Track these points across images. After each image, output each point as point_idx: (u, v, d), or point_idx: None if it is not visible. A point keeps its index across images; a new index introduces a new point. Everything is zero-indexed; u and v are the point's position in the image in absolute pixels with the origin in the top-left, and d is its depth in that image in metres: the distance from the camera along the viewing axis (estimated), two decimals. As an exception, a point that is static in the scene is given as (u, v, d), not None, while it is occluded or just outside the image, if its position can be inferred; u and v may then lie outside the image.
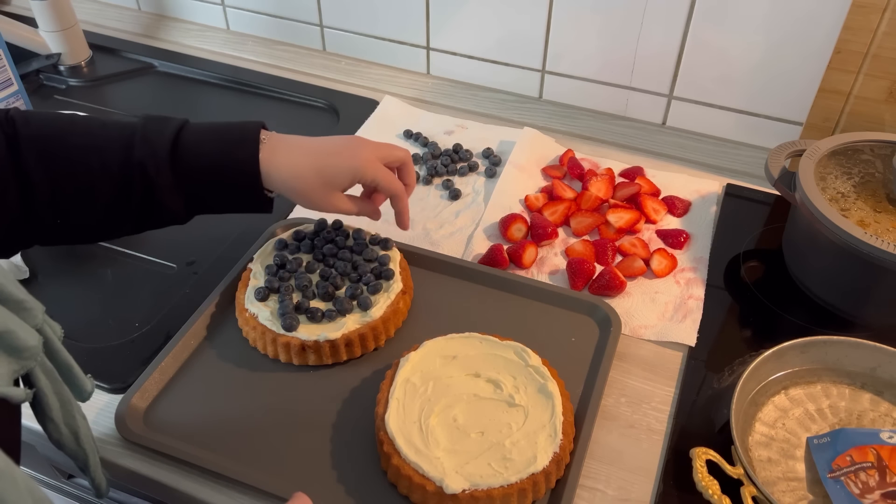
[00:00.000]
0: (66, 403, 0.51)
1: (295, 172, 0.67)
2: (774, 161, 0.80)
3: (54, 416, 0.50)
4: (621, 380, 0.72)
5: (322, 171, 0.68)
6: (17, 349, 0.44)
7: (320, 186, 0.68)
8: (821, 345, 0.69)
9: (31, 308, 0.46)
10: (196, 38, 1.24)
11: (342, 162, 0.68)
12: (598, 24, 0.97)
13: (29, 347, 0.45)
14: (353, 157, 0.69)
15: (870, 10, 0.80)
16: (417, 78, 1.13)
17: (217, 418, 0.67)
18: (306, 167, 0.67)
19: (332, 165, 0.68)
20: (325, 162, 0.68)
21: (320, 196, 0.69)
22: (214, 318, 0.75)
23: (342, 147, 0.70)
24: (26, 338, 0.44)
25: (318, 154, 0.68)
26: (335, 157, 0.69)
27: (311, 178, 0.68)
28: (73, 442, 0.53)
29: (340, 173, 0.68)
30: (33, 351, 0.45)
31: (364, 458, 0.64)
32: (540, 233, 0.85)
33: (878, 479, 0.60)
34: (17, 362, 0.44)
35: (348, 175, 0.69)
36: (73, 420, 0.52)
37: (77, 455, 0.53)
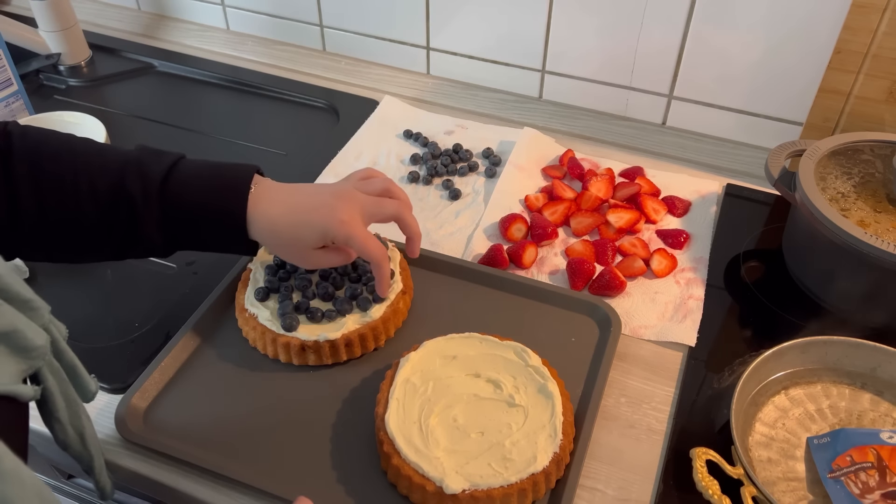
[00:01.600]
0: (72, 404, 0.51)
1: (271, 227, 0.65)
2: (774, 161, 0.80)
3: (61, 416, 0.50)
4: (621, 380, 0.72)
5: (295, 229, 0.65)
6: (26, 349, 0.44)
7: (293, 243, 0.66)
8: (821, 345, 0.69)
9: (37, 308, 0.46)
10: (196, 38, 1.24)
11: (315, 220, 0.65)
12: (598, 23, 0.97)
13: (37, 347, 0.45)
14: (326, 217, 0.65)
15: (870, 10, 0.80)
16: (417, 78, 1.13)
17: (217, 418, 0.67)
18: (282, 224, 0.65)
19: (304, 224, 0.65)
20: (299, 219, 0.66)
21: (295, 253, 0.67)
22: (214, 318, 0.75)
23: (321, 204, 0.66)
24: (34, 337, 0.44)
25: (297, 210, 0.66)
26: (310, 215, 0.66)
27: (284, 235, 0.66)
28: (79, 443, 0.53)
29: (312, 233, 0.65)
30: (41, 350, 0.45)
31: (364, 458, 0.64)
32: (540, 233, 0.85)
33: (878, 479, 0.60)
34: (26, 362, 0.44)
35: (318, 235, 0.65)
36: (78, 420, 0.52)
37: (82, 457, 0.53)
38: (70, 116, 0.91)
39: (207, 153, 1.01)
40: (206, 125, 1.06)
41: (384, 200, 0.69)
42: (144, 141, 1.03)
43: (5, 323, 0.42)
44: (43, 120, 0.91)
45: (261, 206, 0.65)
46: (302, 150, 1.01)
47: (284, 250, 0.68)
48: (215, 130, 1.05)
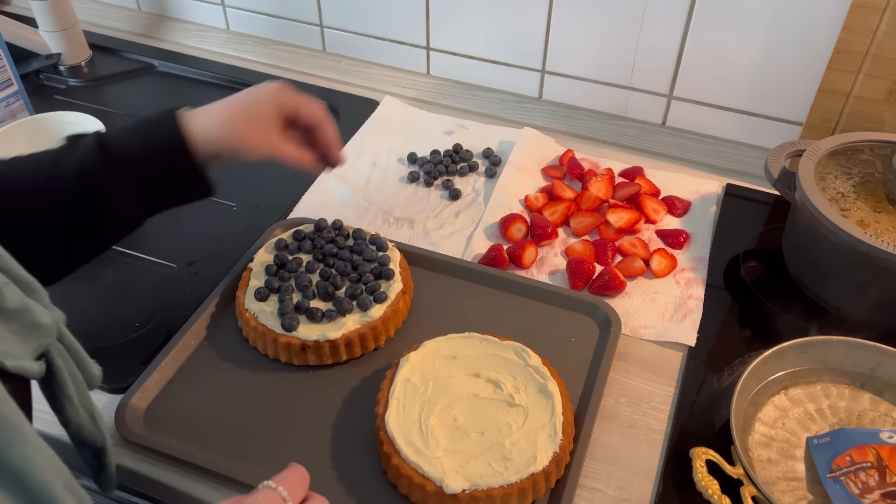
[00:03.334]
0: (80, 385, 0.51)
1: (222, 121, 0.66)
2: (774, 161, 0.80)
3: (71, 395, 0.50)
4: (621, 380, 0.72)
5: (247, 109, 0.67)
6: (36, 325, 0.44)
7: (251, 124, 0.67)
8: (821, 345, 0.69)
9: (38, 290, 0.46)
10: (196, 38, 1.24)
11: (257, 96, 0.68)
12: (598, 24, 0.97)
13: (45, 325, 0.45)
14: (267, 89, 0.69)
15: (870, 10, 0.80)
16: (417, 78, 1.13)
17: (217, 418, 0.67)
18: (231, 111, 0.67)
19: (252, 101, 0.68)
20: (246, 101, 0.68)
21: (256, 135, 0.67)
22: (214, 318, 0.75)
23: (254, 87, 0.70)
24: (41, 315, 0.45)
25: (236, 100, 0.68)
26: (252, 95, 0.68)
27: (238, 119, 0.67)
28: (91, 423, 0.53)
29: (262, 103, 0.68)
30: (49, 328, 0.45)
31: (364, 458, 0.64)
32: (540, 233, 0.85)
33: (878, 479, 0.60)
34: (36, 340, 0.44)
35: (269, 102, 0.68)
36: (88, 401, 0.52)
37: (95, 437, 0.53)
38: (70, 116, 0.91)
39: (207, 153, 1.01)
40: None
41: None
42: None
43: (16, 301, 0.42)
44: (43, 120, 0.91)
45: (200, 118, 0.66)
46: (302, 150, 1.01)
47: (246, 138, 0.67)
48: (215, 130, 1.05)
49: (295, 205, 0.91)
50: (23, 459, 0.36)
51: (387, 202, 0.92)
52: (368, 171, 0.97)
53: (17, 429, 0.36)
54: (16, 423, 0.37)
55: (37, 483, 0.36)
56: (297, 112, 0.70)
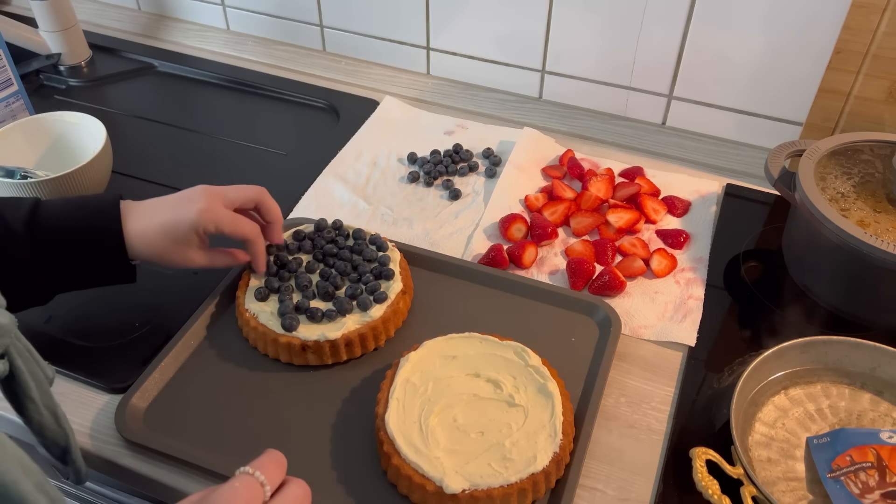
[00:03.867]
0: (41, 384, 0.51)
1: (145, 238, 0.67)
2: (774, 161, 0.80)
3: (33, 394, 0.50)
4: (621, 380, 0.72)
5: (166, 231, 0.67)
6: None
7: (171, 245, 0.68)
8: (821, 345, 0.69)
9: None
10: (196, 38, 1.24)
11: (181, 216, 0.67)
12: (598, 24, 0.97)
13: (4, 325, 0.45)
14: (189, 210, 0.67)
15: (870, 10, 0.80)
16: (417, 78, 1.13)
17: (217, 418, 0.67)
18: (153, 230, 0.67)
19: (172, 222, 0.67)
20: (167, 219, 0.68)
21: (175, 255, 0.69)
22: (214, 318, 0.75)
23: (183, 200, 0.69)
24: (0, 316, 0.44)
25: (162, 212, 0.68)
26: (175, 213, 0.68)
27: (159, 241, 0.67)
28: (54, 422, 0.52)
29: (181, 228, 0.67)
30: (7, 328, 0.45)
31: (364, 458, 0.64)
32: (540, 233, 0.85)
33: (878, 479, 0.60)
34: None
35: (189, 228, 0.67)
36: (50, 400, 0.52)
37: (58, 436, 0.53)
38: (70, 116, 0.91)
39: (207, 153, 1.02)
40: (206, 125, 1.06)
41: (243, 186, 0.72)
42: (144, 141, 1.04)
43: None
44: (43, 120, 0.91)
45: (132, 221, 0.67)
46: (302, 150, 1.01)
47: (165, 257, 0.68)
48: (215, 130, 1.05)
49: (295, 205, 0.91)
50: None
51: (387, 202, 0.92)
52: (368, 171, 0.97)
53: None
54: None
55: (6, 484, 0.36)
56: (221, 232, 0.69)
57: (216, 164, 1.00)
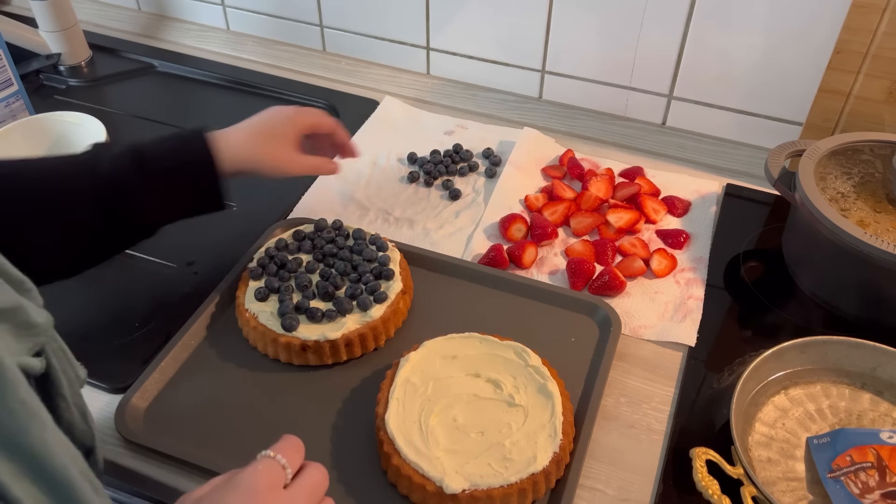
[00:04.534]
0: (73, 383, 0.51)
1: (247, 141, 0.73)
2: (774, 161, 0.80)
3: (65, 393, 0.50)
4: (621, 380, 0.72)
5: (268, 132, 0.74)
6: (31, 325, 0.44)
7: (273, 144, 0.74)
8: (821, 345, 0.69)
9: (31, 289, 0.47)
10: (196, 38, 1.24)
11: (278, 117, 0.75)
12: (598, 24, 0.97)
13: (39, 324, 0.45)
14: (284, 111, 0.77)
15: (870, 10, 0.80)
16: (417, 78, 1.13)
17: (217, 418, 0.67)
18: (254, 133, 0.74)
19: (273, 124, 0.75)
20: (267, 124, 0.75)
21: (277, 154, 0.74)
22: (214, 318, 0.75)
23: (270, 111, 0.77)
24: (36, 315, 0.45)
25: (257, 123, 0.75)
26: (272, 118, 0.75)
27: (261, 141, 0.73)
28: (82, 421, 0.53)
29: (283, 125, 0.75)
30: (44, 327, 0.46)
31: (364, 458, 0.64)
32: (540, 233, 0.85)
33: (878, 479, 0.60)
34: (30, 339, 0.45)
35: (289, 124, 0.75)
36: (80, 399, 0.52)
37: (85, 435, 0.54)
38: (70, 116, 0.91)
39: (207, 153, 1.01)
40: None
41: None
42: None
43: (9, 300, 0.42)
44: (43, 120, 0.91)
45: (224, 137, 0.72)
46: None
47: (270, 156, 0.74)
48: (215, 130, 1.05)
49: (295, 205, 0.91)
50: (42, 443, 0.36)
51: (387, 202, 0.92)
52: (368, 171, 0.97)
53: (35, 414, 0.37)
54: (34, 408, 0.37)
55: (56, 468, 0.37)
56: (314, 127, 0.77)
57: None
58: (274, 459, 0.45)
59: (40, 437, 0.36)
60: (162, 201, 0.69)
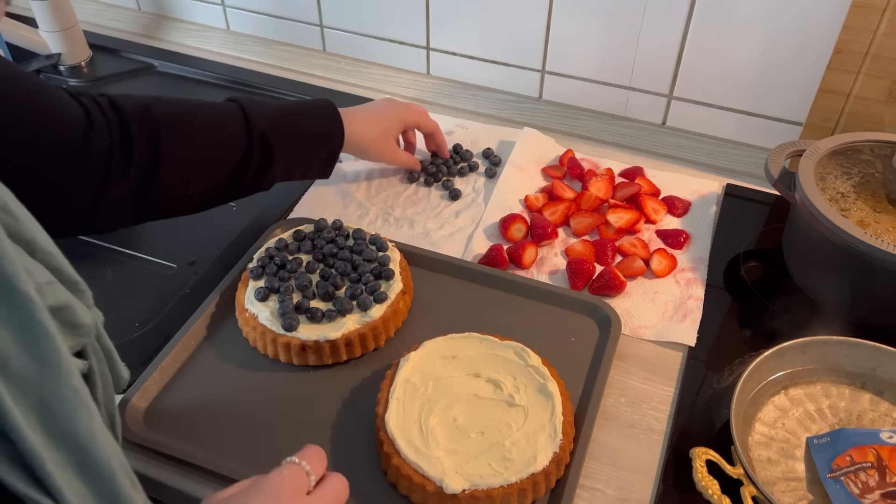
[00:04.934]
0: (108, 386, 0.52)
1: (366, 132, 0.86)
2: (774, 161, 0.80)
3: (99, 396, 0.51)
4: (621, 380, 0.72)
5: (384, 127, 0.88)
6: (76, 325, 0.45)
7: (382, 138, 0.88)
8: (821, 345, 0.69)
9: (84, 290, 0.47)
10: (196, 38, 1.24)
11: (393, 114, 0.89)
12: (598, 24, 0.97)
13: (86, 324, 0.46)
14: (399, 108, 0.90)
15: (870, 10, 0.80)
16: (417, 78, 1.13)
17: (217, 418, 0.67)
18: (374, 122, 0.87)
19: (388, 120, 0.89)
20: (384, 119, 0.88)
21: (384, 146, 0.88)
22: (214, 318, 0.75)
23: (390, 104, 0.91)
24: (83, 315, 0.45)
25: (376, 115, 0.88)
26: (388, 113, 0.89)
27: (376, 134, 0.87)
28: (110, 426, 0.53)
29: (394, 123, 0.89)
30: (89, 328, 0.46)
31: (364, 458, 0.64)
32: (540, 233, 0.85)
33: (878, 479, 0.60)
34: (74, 338, 0.45)
35: (399, 123, 0.90)
36: (112, 404, 0.53)
37: None
38: (70, 116, 0.91)
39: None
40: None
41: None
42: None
43: (59, 298, 0.43)
44: (43, 120, 0.91)
45: (351, 123, 0.83)
46: (302, 150, 1.01)
47: (376, 146, 0.88)
48: (215, 130, 1.05)
49: (295, 205, 0.91)
50: (89, 434, 0.37)
51: (387, 202, 0.92)
52: (368, 171, 0.97)
53: (85, 404, 0.37)
54: (84, 397, 0.37)
55: (100, 460, 0.37)
56: (417, 125, 0.93)
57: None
58: (299, 465, 0.47)
59: (88, 427, 0.37)
60: (292, 163, 0.79)
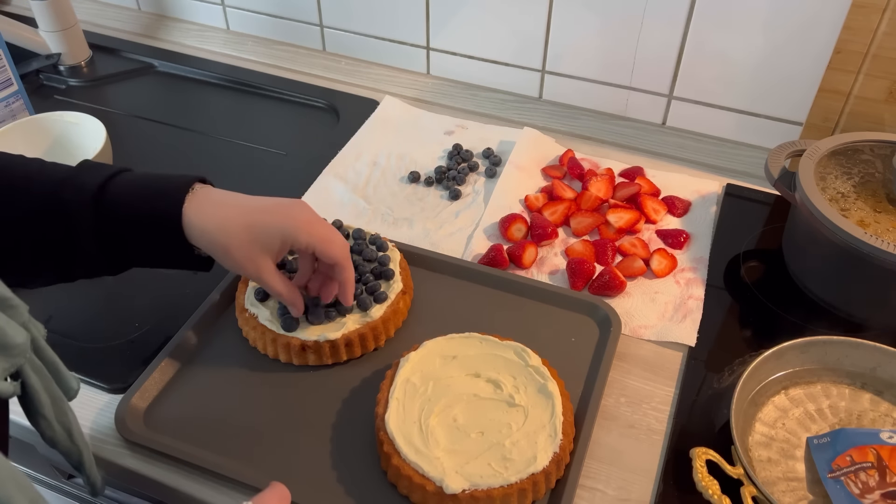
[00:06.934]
0: (58, 401, 0.51)
1: (221, 226, 0.61)
2: (774, 161, 0.80)
3: (46, 413, 0.50)
4: (621, 380, 0.72)
5: (251, 228, 0.62)
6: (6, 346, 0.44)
7: (247, 244, 0.62)
8: (821, 345, 0.69)
9: (16, 306, 0.46)
10: (196, 38, 1.24)
11: (274, 220, 0.63)
12: (598, 24, 0.97)
13: (17, 345, 0.44)
14: (286, 217, 0.63)
15: (870, 10, 0.80)
16: (417, 78, 1.13)
17: (217, 418, 0.67)
18: (234, 222, 0.62)
19: (261, 223, 0.63)
20: (255, 218, 0.63)
21: (246, 255, 0.62)
22: (214, 318, 0.75)
23: (277, 205, 0.64)
24: (14, 335, 0.44)
25: (250, 210, 0.63)
26: (266, 215, 0.63)
27: (237, 234, 0.62)
28: (67, 439, 0.53)
29: (270, 232, 0.62)
30: (22, 348, 0.45)
31: (364, 458, 0.64)
32: (540, 233, 0.85)
33: (878, 479, 0.60)
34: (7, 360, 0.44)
35: (278, 235, 0.63)
36: (65, 417, 0.52)
37: (71, 452, 0.53)
38: (70, 116, 0.91)
39: (207, 153, 1.02)
40: (206, 125, 1.06)
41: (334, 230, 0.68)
42: (144, 141, 1.04)
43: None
44: (43, 120, 0.91)
45: (204, 208, 0.62)
46: (302, 150, 1.01)
47: (234, 253, 0.62)
48: (215, 130, 1.05)
49: (295, 205, 0.91)
50: None
51: (387, 202, 0.92)
52: (368, 171, 0.97)
53: None
54: None
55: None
56: (315, 253, 0.65)
57: (216, 164, 1.00)
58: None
59: None
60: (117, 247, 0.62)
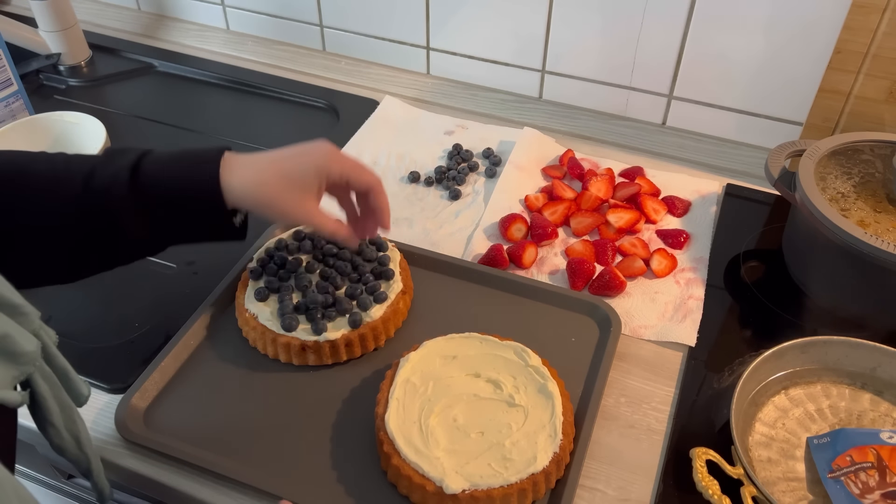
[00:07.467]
0: (67, 408, 0.51)
1: (258, 180, 0.63)
2: (774, 161, 0.80)
3: (55, 421, 0.50)
4: (621, 380, 0.72)
5: (287, 174, 0.64)
6: (16, 354, 0.44)
7: (288, 190, 0.64)
8: (821, 345, 0.69)
9: (27, 313, 0.46)
10: (196, 38, 1.24)
11: (305, 160, 0.65)
12: (598, 24, 0.97)
13: (27, 353, 0.44)
14: (315, 154, 0.65)
15: (870, 10, 0.80)
16: (417, 78, 1.13)
17: (217, 418, 0.67)
18: (269, 173, 0.64)
19: (294, 167, 0.64)
20: (287, 165, 0.64)
21: (291, 202, 0.64)
22: (214, 318, 0.75)
23: (303, 148, 0.66)
24: (24, 343, 0.44)
25: (279, 159, 0.65)
26: (296, 158, 0.65)
27: (275, 183, 0.63)
28: (75, 447, 0.53)
29: (305, 172, 0.64)
30: (32, 356, 0.45)
31: (364, 458, 0.64)
32: (540, 233, 0.85)
33: (878, 479, 0.60)
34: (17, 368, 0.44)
35: (313, 172, 0.64)
36: (73, 425, 0.52)
37: (80, 460, 0.53)
38: (70, 116, 0.91)
39: (207, 153, 1.01)
40: (206, 125, 1.06)
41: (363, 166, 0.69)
42: (144, 141, 1.04)
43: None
44: (43, 120, 0.91)
45: (238, 170, 0.63)
46: (302, 150, 1.01)
47: (279, 203, 0.64)
48: (215, 130, 1.05)
49: (295, 205, 0.91)
50: None
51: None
52: (368, 171, 0.97)
53: None
54: None
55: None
56: (347, 181, 0.67)
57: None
58: None
59: None
60: (157, 223, 0.63)
